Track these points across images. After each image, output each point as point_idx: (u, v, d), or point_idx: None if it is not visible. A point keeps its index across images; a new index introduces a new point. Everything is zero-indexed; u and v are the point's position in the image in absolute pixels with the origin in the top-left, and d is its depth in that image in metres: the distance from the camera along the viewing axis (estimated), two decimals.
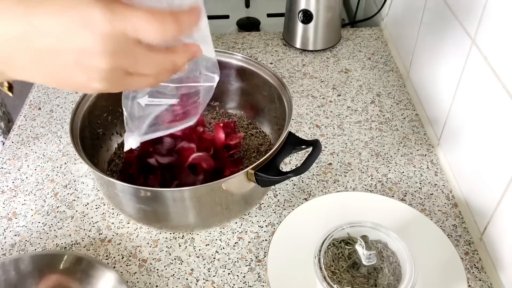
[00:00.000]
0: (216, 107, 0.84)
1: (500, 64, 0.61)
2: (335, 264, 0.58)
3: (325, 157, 0.81)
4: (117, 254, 0.68)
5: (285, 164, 0.80)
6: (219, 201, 0.63)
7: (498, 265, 0.63)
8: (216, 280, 0.65)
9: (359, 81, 0.98)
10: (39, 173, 0.79)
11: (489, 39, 0.64)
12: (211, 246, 0.69)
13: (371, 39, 1.10)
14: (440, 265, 0.64)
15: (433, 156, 0.81)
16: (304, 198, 0.75)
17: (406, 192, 0.76)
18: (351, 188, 0.77)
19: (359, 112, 0.90)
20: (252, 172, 0.60)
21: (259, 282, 0.64)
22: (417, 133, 0.86)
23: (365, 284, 0.56)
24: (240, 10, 1.34)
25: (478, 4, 0.66)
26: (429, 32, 0.85)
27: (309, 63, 1.03)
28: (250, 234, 0.70)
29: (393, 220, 0.68)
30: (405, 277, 0.56)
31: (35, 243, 0.69)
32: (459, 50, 0.72)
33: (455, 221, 0.72)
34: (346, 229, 0.60)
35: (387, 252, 0.59)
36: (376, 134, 0.86)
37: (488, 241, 0.66)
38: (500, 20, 0.61)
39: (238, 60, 0.76)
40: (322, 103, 0.92)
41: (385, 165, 0.80)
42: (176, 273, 0.66)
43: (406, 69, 0.98)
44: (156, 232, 0.70)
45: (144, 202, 0.62)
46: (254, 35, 1.12)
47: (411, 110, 0.91)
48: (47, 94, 0.95)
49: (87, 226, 0.71)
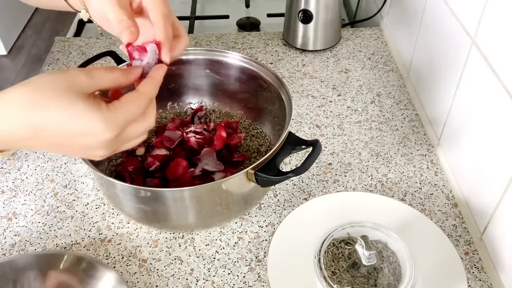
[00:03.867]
0: (216, 108, 0.84)
1: (500, 64, 0.61)
2: (335, 264, 0.58)
3: (325, 157, 0.81)
4: (117, 254, 0.68)
5: (285, 164, 0.80)
6: (219, 201, 0.63)
7: (498, 265, 0.63)
8: (216, 280, 0.65)
9: (359, 81, 0.98)
10: (39, 173, 0.79)
11: (489, 39, 0.64)
12: (211, 246, 0.69)
13: (371, 39, 1.10)
14: (440, 265, 0.64)
15: (433, 156, 0.81)
16: (304, 198, 0.75)
17: (406, 192, 0.76)
18: (351, 188, 0.77)
19: (359, 112, 0.90)
20: (252, 172, 0.60)
21: (259, 282, 0.64)
22: (417, 133, 0.86)
23: (365, 284, 0.56)
24: (240, 10, 1.34)
25: (478, 4, 0.66)
26: (429, 32, 0.85)
27: (309, 63, 1.03)
28: (250, 234, 0.70)
29: (393, 220, 0.68)
30: (405, 277, 0.56)
31: (35, 243, 0.69)
32: (459, 50, 0.72)
33: (455, 221, 0.72)
34: (346, 229, 0.60)
35: (387, 252, 0.59)
36: (376, 134, 0.86)
37: (488, 241, 0.66)
38: (500, 20, 0.61)
39: (238, 60, 0.76)
40: (322, 103, 0.92)
41: (385, 165, 0.80)
42: (176, 273, 0.66)
43: (406, 69, 0.98)
44: (156, 232, 0.70)
45: (144, 202, 0.62)
46: (254, 35, 1.12)
47: (411, 110, 0.91)
48: None
49: (87, 226, 0.71)
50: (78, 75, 0.44)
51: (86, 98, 0.43)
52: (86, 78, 0.44)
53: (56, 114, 0.42)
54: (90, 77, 0.45)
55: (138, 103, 0.47)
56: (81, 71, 0.45)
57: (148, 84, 0.49)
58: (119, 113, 0.45)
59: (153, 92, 0.49)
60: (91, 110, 0.43)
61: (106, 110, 0.44)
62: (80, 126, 0.43)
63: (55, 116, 0.42)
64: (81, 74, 0.44)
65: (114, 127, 0.44)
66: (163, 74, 0.51)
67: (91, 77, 0.45)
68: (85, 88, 0.44)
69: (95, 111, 0.43)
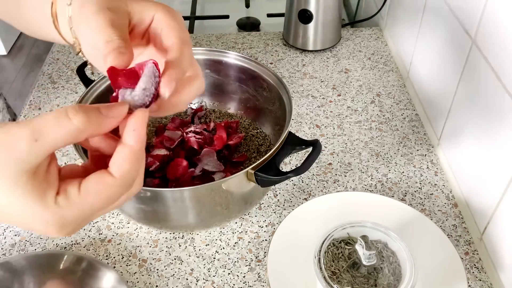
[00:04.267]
0: (216, 108, 0.84)
1: (500, 64, 0.61)
2: (335, 264, 0.58)
3: (325, 157, 0.81)
4: (117, 254, 0.68)
5: (285, 164, 0.80)
6: (219, 201, 0.63)
7: (498, 265, 0.63)
8: (216, 280, 0.65)
9: (359, 81, 0.98)
10: None
11: (489, 39, 0.64)
12: (211, 246, 0.69)
13: (371, 39, 1.10)
14: (440, 265, 0.64)
15: (433, 156, 0.81)
16: (304, 198, 0.75)
17: (406, 192, 0.76)
18: (351, 188, 0.77)
19: (359, 112, 0.90)
20: (252, 172, 0.60)
21: (259, 282, 0.64)
22: (417, 133, 0.86)
23: (365, 284, 0.56)
24: (240, 10, 1.34)
25: (478, 4, 0.66)
26: (429, 32, 0.85)
27: (309, 63, 1.03)
28: (250, 234, 0.70)
29: (393, 220, 0.68)
30: (405, 277, 0.56)
31: (35, 243, 0.69)
32: (459, 50, 0.72)
33: (455, 221, 0.72)
34: (346, 229, 0.60)
35: (387, 252, 0.59)
36: (376, 134, 0.86)
37: (488, 241, 0.66)
38: (500, 20, 0.61)
39: (238, 60, 0.76)
40: (322, 103, 0.92)
41: (385, 165, 0.80)
42: (176, 273, 0.66)
43: (406, 69, 0.98)
44: (156, 232, 0.70)
45: (144, 202, 0.62)
46: (254, 35, 1.12)
47: (411, 110, 0.91)
48: (47, 94, 0.95)
49: (87, 226, 0.71)
50: (18, 139, 0.30)
51: (27, 179, 0.31)
52: (28, 143, 0.30)
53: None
54: (34, 138, 0.30)
55: (110, 193, 0.33)
56: (24, 128, 0.30)
57: (130, 155, 0.33)
58: (72, 211, 0.32)
59: (138, 167, 0.34)
60: (31, 201, 0.31)
61: (53, 205, 0.32)
62: (20, 214, 0.32)
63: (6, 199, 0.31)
64: (22, 138, 0.30)
65: (60, 227, 0.33)
66: (144, 124, 0.34)
67: (37, 138, 0.30)
68: (27, 160, 0.30)
69: (35, 204, 0.31)
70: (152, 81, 0.35)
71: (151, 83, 0.34)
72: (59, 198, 0.32)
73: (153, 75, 0.34)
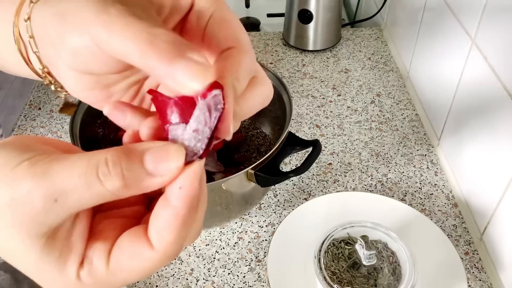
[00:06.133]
0: None
1: (500, 64, 0.61)
2: (335, 264, 0.58)
3: (325, 157, 0.81)
4: None
5: (285, 164, 0.80)
6: (219, 201, 0.63)
7: (498, 265, 0.63)
8: (216, 280, 0.65)
9: (359, 81, 0.98)
10: None
11: (489, 39, 0.64)
12: (211, 246, 0.69)
13: (371, 39, 1.10)
14: (440, 265, 0.64)
15: (433, 156, 0.81)
16: (304, 198, 0.75)
17: (406, 192, 0.76)
18: (351, 188, 0.77)
19: (359, 112, 0.90)
20: (252, 172, 0.60)
21: (259, 282, 0.64)
22: (417, 133, 0.86)
23: (365, 284, 0.56)
24: (240, 10, 1.34)
25: (478, 4, 0.66)
26: (429, 32, 0.85)
27: (309, 63, 1.03)
28: (250, 234, 0.70)
29: (393, 220, 0.68)
30: (405, 277, 0.56)
31: None
32: (459, 50, 0.72)
33: (455, 221, 0.72)
34: (346, 229, 0.60)
35: (387, 252, 0.59)
36: (376, 134, 0.86)
37: (488, 241, 0.66)
38: (500, 20, 0.61)
39: None
40: (322, 103, 0.92)
41: (385, 165, 0.80)
42: (176, 273, 0.66)
43: (406, 69, 0.98)
44: None
45: None
46: (254, 35, 1.11)
47: (411, 110, 0.91)
48: (47, 94, 0.95)
49: None
50: (33, 197, 0.23)
51: (44, 244, 0.24)
52: (47, 203, 0.23)
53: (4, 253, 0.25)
54: (54, 198, 0.23)
55: (147, 269, 0.25)
56: (40, 184, 0.23)
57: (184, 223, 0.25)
58: (97, 284, 0.25)
59: (186, 235, 0.26)
60: (48, 270, 0.24)
61: (74, 279, 0.25)
62: (37, 278, 0.25)
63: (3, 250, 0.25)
64: (38, 196, 0.23)
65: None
66: (196, 181, 0.26)
67: (57, 199, 0.23)
68: (43, 221, 0.23)
69: (53, 276, 0.24)
70: (208, 120, 0.23)
71: (207, 122, 0.23)
72: (82, 272, 0.25)
73: (214, 108, 0.23)
